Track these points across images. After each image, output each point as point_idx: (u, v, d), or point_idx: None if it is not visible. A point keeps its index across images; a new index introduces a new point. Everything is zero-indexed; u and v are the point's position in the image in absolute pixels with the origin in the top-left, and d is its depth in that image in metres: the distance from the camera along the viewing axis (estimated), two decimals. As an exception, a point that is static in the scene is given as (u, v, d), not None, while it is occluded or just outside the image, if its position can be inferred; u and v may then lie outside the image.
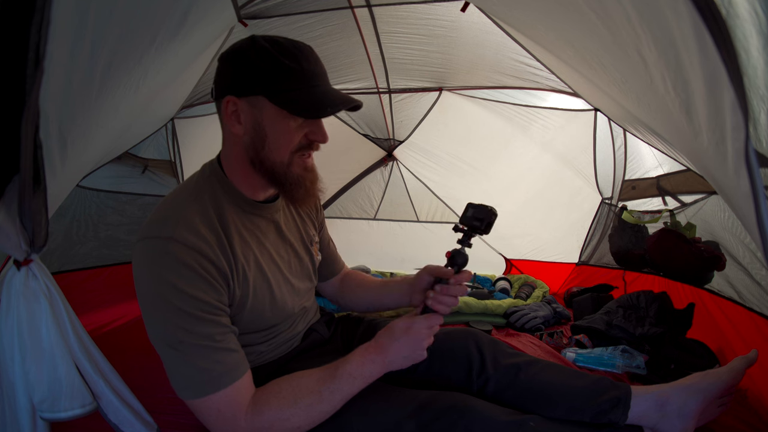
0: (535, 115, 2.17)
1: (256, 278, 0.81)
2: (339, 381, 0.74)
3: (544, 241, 2.55)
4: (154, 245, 0.69)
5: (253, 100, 0.73)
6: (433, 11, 1.57)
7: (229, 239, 0.76)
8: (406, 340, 0.77)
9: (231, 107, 0.74)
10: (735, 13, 0.47)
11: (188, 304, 0.67)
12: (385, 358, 0.77)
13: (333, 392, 0.74)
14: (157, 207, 0.76)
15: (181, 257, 0.67)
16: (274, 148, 0.75)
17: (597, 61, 0.98)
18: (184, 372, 0.68)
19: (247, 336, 0.84)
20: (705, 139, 0.62)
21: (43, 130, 0.66)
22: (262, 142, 0.75)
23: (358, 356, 0.77)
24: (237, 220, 0.80)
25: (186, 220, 0.71)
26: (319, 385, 0.74)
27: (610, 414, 0.82)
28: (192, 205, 0.75)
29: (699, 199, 1.58)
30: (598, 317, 1.54)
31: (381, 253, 2.89)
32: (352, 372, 0.75)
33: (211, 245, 0.71)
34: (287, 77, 0.71)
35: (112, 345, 1.00)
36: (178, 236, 0.68)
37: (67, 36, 0.64)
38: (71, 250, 1.69)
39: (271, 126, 0.74)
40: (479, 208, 0.83)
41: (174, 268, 0.67)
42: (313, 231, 1.04)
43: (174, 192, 0.80)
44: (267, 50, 0.71)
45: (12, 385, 0.75)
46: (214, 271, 0.71)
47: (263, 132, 0.74)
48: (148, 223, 0.72)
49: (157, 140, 2.15)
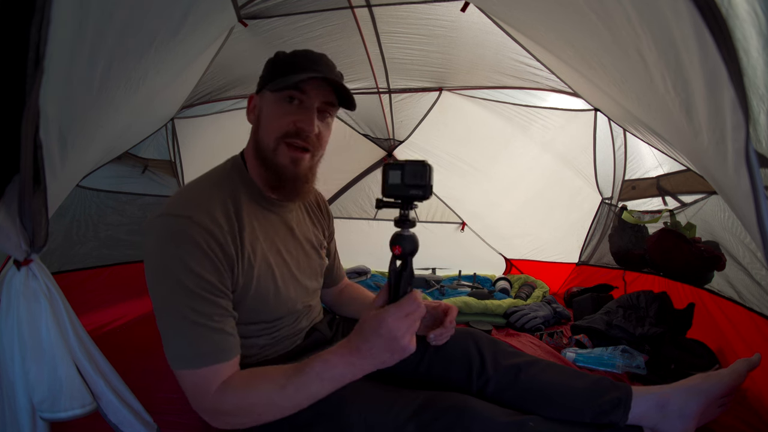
0: (535, 115, 2.18)
1: (260, 268, 0.82)
2: (305, 377, 0.69)
3: (544, 241, 2.56)
4: (172, 222, 0.72)
5: (262, 95, 0.85)
6: (433, 11, 1.57)
7: (240, 228, 0.80)
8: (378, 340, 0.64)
9: (252, 103, 0.88)
10: (735, 13, 0.47)
11: (194, 282, 0.70)
12: (358, 361, 0.67)
13: (297, 388, 0.69)
14: (179, 190, 0.82)
15: (194, 237, 0.71)
16: (265, 131, 0.83)
17: (597, 61, 0.99)
18: (177, 343, 0.71)
19: (250, 327, 0.84)
20: (705, 138, 0.62)
21: (43, 130, 0.66)
22: (258, 126, 0.85)
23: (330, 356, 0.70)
24: (252, 212, 0.84)
25: (205, 205, 0.76)
26: (284, 379, 0.70)
27: (610, 414, 0.82)
28: (212, 192, 0.80)
29: (699, 199, 1.58)
30: (598, 317, 1.54)
31: (381, 253, 2.86)
32: (321, 372, 0.68)
33: (222, 231, 0.75)
34: (281, 66, 0.82)
35: (112, 345, 1.00)
36: (195, 217, 0.73)
37: (67, 36, 0.64)
38: (71, 250, 1.69)
39: (266, 110, 0.84)
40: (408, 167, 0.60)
41: (187, 247, 0.71)
42: (323, 237, 1.07)
43: (197, 179, 0.85)
44: (282, 56, 0.84)
45: (12, 385, 0.75)
46: (221, 255, 0.74)
47: (260, 117, 0.85)
48: (168, 203, 0.76)
49: (157, 140, 2.16)
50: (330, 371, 0.68)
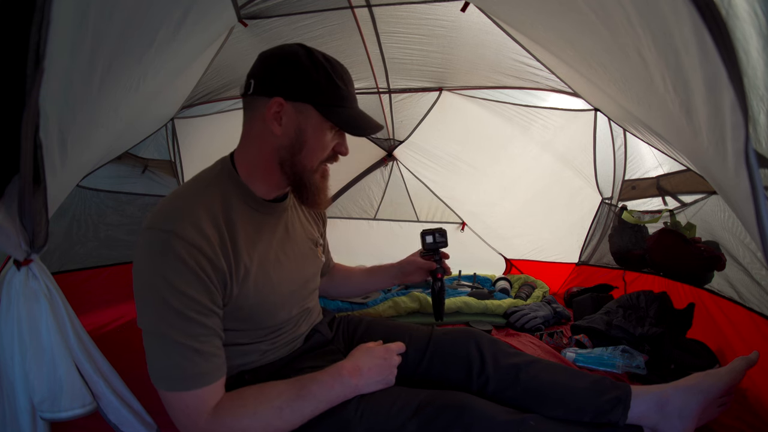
0: (535, 115, 2.17)
1: (258, 276, 0.81)
2: (303, 400, 0.74)
3: (544, 241, 2.55)
4: (157, 237, 0.70)
5: (300, 106, 0.77)
6: (433, 11, 1.57)
7: (232, 237, 0.77)
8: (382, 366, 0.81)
9: (276, 108, 0.77)
10: (735, 13, 0.47)
11: (179, 301, 0.68)
12: (357, 382, 0.78)
13: (294, 411, 0.73)
14: (166, 198, 0.78)
15: (180, 254, 0.68)
16: (310, 155, 0.80)
17: (597, 61, 0.99)
18: (162, 363, 0.69)
19: (250, 333, 0.84)
20: (705, 139, 0.62)
21: (43, 130, 0.66)
22: (300, 147, 0.79)
23: (328, 377, 0.77)
24: (245, 217, 0.81)
25: (190, 214, 0.72)
26: (281, 402, 0.73)
27: (610, 414, 0.82)
28: (199, 198, 0.76)
29: (699, 199, 1.58)
30: (598, 317, 1.54)
31: (381, 253, 2.87)
32: (318, 394, 0.75)
33: (211, 243, 0.72)
34: (337, 95, 0.78)
35: (112, 345, 1.00)
36: (179, 231, 0.69)
37: (67, 36, 0.64)
38: (71, 250, 1.69)
39: (313, 134, 0.79)
40: (435, 232, 1.11)
41: (171, 264, 0.68)
42: (318, 234, 1.06)
43: (184, 185, 0.81)
44: (323, 65, 0.77)
45: (12, 385, 0.75)
46: (210, 271, 0.72)
47: (304, 138, 0.78)
48: (154, 213, 0.73)
49: (157, 140, 2.16)
50: (327, 393, 0.75)
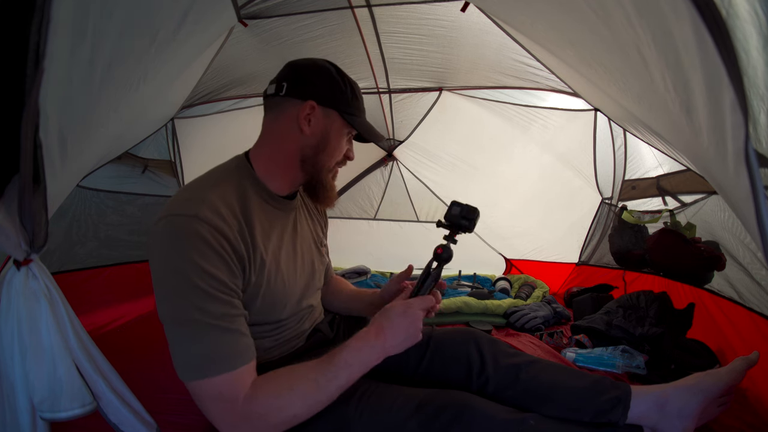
0: (535, 115, 2.17)
1: (271, 268, 0.82)
2: (336, 368, 0.74)
3: (544, 241, 2.56)
4: (179, 222, 0.70)
5: (327, 111, 0.86)
6: (433, 11, 1.57)
7: (249, 226, 0.78)
8: (403, 321, 0.78)
9: (308, 110, 0.84)
10: (735, 13, 0.47)
11: (206, 282, 0.68)
12: (384, 342, 0.77)
13: (330, 380, 0.73)
14: (181, 189, 0.80)
15: (204, 235, 0.69)
16: (330, 155, 0.88)
17: (597, 61, 0.99)
18: (192, 351, 0.68)
19: (256, 328, 0.84)
20: (705, 138, 0.62)
21: (43, 130, 0.66)
22: (324, 147, 0.87)
23: (355, 342, 0.77)
24: (259, 210, 0.83)
25: (209, 202, 0.73)
26: (316, 374, 0.73)
27: (610, 414, 0.82)
28: (216, 189, 0.77)
29: (699, 199, 1.58)
30: (598, 317, 1.54)
31: (381, 253, 2.89)
32: (349, 359, 0.75)
33: (232, 229, 0.74)
34: (357, 106, 0.89)
35: (112, 345, 1.00)
36: (202, 215, 0.70)
37: (67, 36, 0.64)
38: (71, 250, 1.69)
39: (335, 137, 0.88)
40: (466, 207, 0.89)
41: (196, 246, 0.68)
42: (322, 234, 1.08)
43: (199, 178, 0.83)
44: (348, 80, 0.89)
45: (12, 385, 0.75)
46: (232, 254, 0.73)
47: (328, 139, 0.87)
48: (171, 204, 0.74)
49: (157, 140, 2.16)
50: (358, 357, 0.76)
